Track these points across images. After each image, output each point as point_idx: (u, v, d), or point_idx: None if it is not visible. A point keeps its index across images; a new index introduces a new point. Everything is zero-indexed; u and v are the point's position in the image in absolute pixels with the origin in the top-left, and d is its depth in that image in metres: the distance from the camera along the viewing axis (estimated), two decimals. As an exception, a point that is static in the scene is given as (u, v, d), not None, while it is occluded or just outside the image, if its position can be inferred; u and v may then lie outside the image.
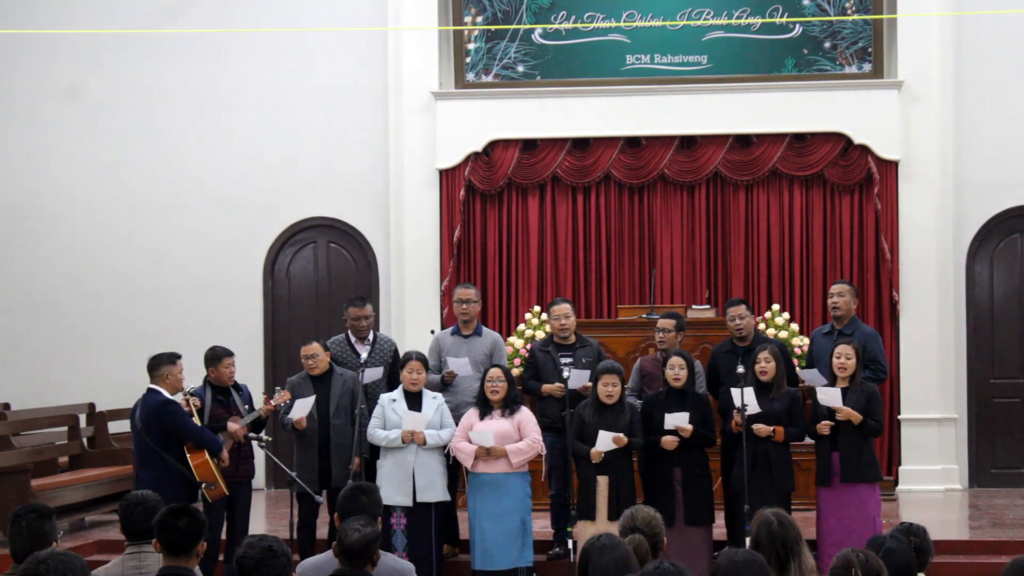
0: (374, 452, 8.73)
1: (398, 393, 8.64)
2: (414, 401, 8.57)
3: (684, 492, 8.33)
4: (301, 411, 8.51)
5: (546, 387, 9.00)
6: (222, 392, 8.53)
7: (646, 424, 8.46)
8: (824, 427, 8.27)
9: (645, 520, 5.39)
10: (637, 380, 9.13)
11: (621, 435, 8.22)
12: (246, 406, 8.59)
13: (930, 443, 11.98)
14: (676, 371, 8.43)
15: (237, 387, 8.64)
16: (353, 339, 9.23)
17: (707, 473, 8.52)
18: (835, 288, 9.44)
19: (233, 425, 8.36)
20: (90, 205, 13.07)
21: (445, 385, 9.07)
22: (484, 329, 9.40)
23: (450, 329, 9.45)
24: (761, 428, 8.27)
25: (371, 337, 9.24)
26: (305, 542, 8.47)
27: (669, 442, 8.30)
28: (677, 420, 8.28)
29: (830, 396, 8.25)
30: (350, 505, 5.71)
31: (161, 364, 8.15)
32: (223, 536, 8.44)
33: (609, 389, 8.35)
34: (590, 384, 8.66)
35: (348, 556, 5.04)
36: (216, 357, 8.50)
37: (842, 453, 8.24)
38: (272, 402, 8.60)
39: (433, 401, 8.63)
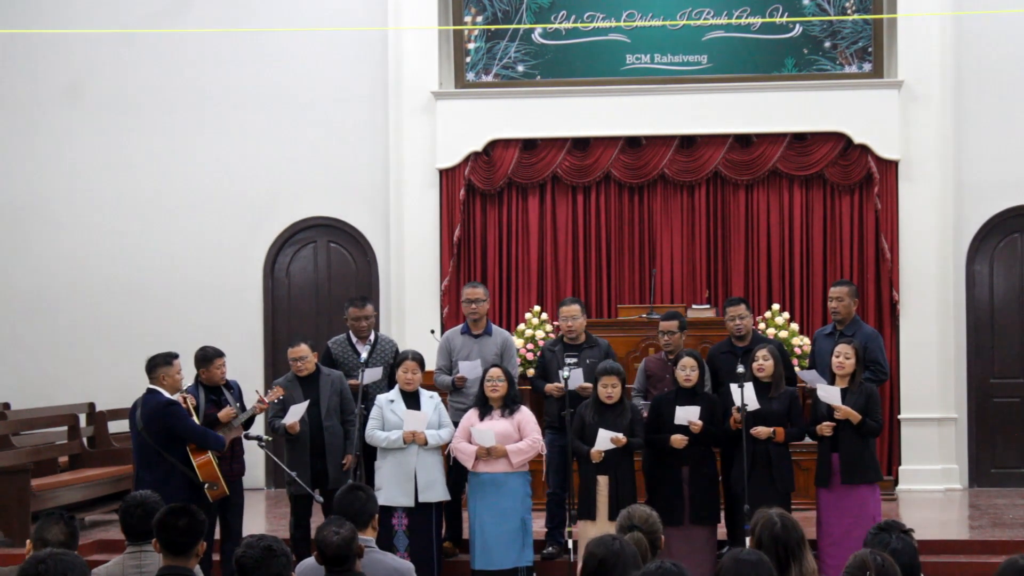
0: (370, 451, 8.72)
1: (395, 393, 8.61)
2: (411, 401, 8.55)
3: (691, 491, 8.33)
4: (295, 416, 8.50)
5: (548, 386, 9.01)
6: (214, 392, 8.50)
7: (655, 423, 8.46)
8: (826, 428, 8.25)
9: (642, 518, 5.39)
10: (643, 381, 9.11)
11: (620, 435, 8.21)
12: (238, 403, 8.58)
13: (930, 443, 11.97)
14: (688, 372, 8.42)
15: (228, 385, 8.62)
16: (354, 339, 9.22)
17: (714, 472, 8.53)
18: (834, 291, 9.39)
19: (224, 411, 8.34)
20: (90, 205, 13.06)
21: (456, 388, 9.05)
22: (494, 328, 9.35)
23: (459, 328, 9.39)
24: (761, 431, 8.26)
25: (372, 337, 9.23)
26: (300, 543, 8.45)
27: (678, 440, 8.30)
28: (688, 414, 8.27)
29: (830, 394, 8.24)
30: (347, 506, 5.66)
31: (157, 366, 8.11)
32: (216, 536, 8.42)
33: (608, 390, 8.34)
34: (587, 385, 8.66)
35: (333, 562, 5.00)
36: (207, 358, 8.47)
37: (842, 454, 8.21)
38: (266, 399, 8.59)
39: (431, 401, 8.61)
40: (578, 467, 8.48)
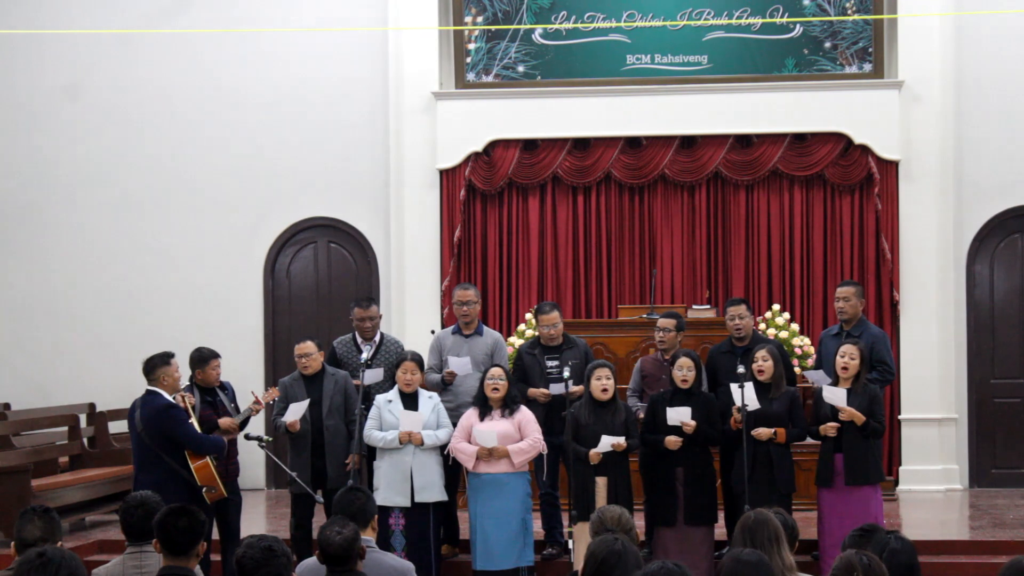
0: (372, 451, 8.72)
1: (394, 394, 8.61)
2: (410, 402, 8.55)
3: (686, 492, 8.31)
4: (295, 414, 8.50)
5: (532, 391, 8.95)
6: (209, 393, 8.48)
7: (652, 423, 8.45)
8: (830, 429, 8.25)
9: (614, 519, 5.38)
10: (638, 381, 9.10)
11: (622, 440, 8.20)
12: (232, 404, 8.57)
13: (930, 443, 11.97)
14: (684, 372, 8.40)
15: (222, 386, 8.59)
16: (359, 340, 9.22)
17: (710, 473, 8.50)
18: (840, 291, 9.35)
19: (225, 420, 8.34)
20: (90, 205, 13.06)
21: (446, 385, 9.05)
22: (485, 329, 9.37)
23: (451, 328, 9.42)
24: (762, 432, 8.25)
25: (377, 338, 9.24)
26: (302, 543, 8.45)
27: (673, 442, 8.29)
28: (680, 415, 8.26)
29: (835, 395, 8.23)
30: (346, 506, 5.66)
31: (156, 367, 8.06)
32: (214, 537, 8.41)
33: (603, 383, 8.33)
34: (577, 389, 8.58)
35: (335, 562, 5.00)
36: (203, 359, 8.43)
37: (847, 455, 8.21)
38: (262, 400, 8.57)
39: (429, 401, 8.62)
40: (572, 468, 8.42)
